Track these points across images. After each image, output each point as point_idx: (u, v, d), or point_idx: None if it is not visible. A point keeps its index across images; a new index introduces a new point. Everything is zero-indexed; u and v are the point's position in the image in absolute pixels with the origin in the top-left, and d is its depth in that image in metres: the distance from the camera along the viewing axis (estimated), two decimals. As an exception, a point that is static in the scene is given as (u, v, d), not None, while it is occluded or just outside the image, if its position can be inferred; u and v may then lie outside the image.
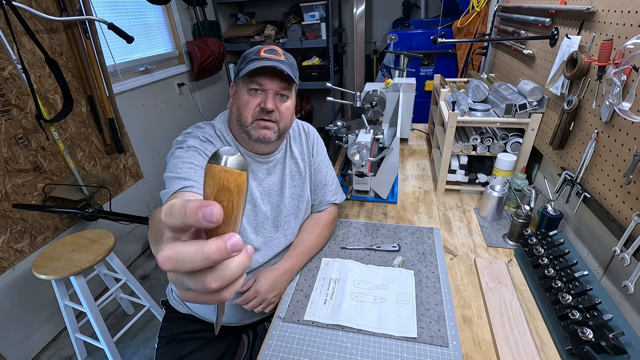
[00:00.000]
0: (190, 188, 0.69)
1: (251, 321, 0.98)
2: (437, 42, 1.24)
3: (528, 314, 0.76)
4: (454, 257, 0.95)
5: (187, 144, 0.79)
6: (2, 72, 1.43)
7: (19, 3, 1.36)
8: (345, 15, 3.22)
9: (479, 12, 2.02)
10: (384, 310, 0.78)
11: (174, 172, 0.73)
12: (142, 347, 1.65)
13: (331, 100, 1.29)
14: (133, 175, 2.20)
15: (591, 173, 0.83)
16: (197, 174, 0.73)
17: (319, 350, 0.71)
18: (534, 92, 1.04)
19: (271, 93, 0.80)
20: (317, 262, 0.95)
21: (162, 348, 0.94)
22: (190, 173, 0.72)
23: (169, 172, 0.74)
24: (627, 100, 0.67)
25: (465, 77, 2.07)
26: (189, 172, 0.72)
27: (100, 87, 1.82)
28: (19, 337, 1.55)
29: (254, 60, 0.78)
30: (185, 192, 0.68)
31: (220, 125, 0.88)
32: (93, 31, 1.75)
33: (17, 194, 1.51)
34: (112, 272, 1.57)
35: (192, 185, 0.70)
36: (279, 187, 0.93)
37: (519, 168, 1.13)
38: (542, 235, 0.87)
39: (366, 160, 1.08)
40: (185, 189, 0.68)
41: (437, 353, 0.68)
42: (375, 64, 3.24)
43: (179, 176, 0.71)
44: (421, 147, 1.69)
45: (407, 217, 1.14)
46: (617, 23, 0.76)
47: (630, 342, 0.59)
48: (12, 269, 1.50)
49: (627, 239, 0.67)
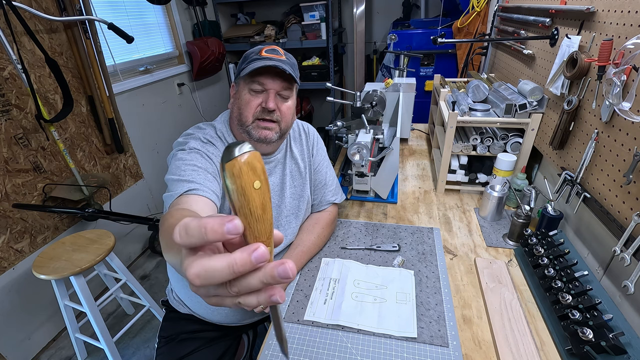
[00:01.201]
0: (195, 191, 0.68)
1: (251, 321, 0.98)
2: (437, 42, 1.24)
3: (528, 314, 0.76)
4: (454, 257, 0.95)
5: (189, 146, 0.79)
6: (2, 72, 1.43)
7: (19, 3, 1.36)
8: (345, 15, 3.22)
9: (479, 12, 2.02)
10: (384, 310, 0.78)
11: (177, 174, 0.72)
12: (142, 347, 1.65)
13: (331, 100, 1.29)
14: (133, 175, 2.20)
15: (591, 173, 0.83)
16: (200, 176, 0.72)
17: (319, 350, 0.71)
18: (534, 92, 1.04)
19: (272, 93, 0.80)
20: (317, 262, 0.95)
21: (162, 348, 0.94)
22: (194, 175, 0.72)
23: (172, 175, 0.73)
24: (627, 100, 0.67)
25: (465, 77, 2.07)
26: (192, 175, 0.72)
27: (100, 87, 1.82)
28: (19, 337, 1.55)
29: (256, 60, 0.78)
30: (190, 194, 0.67)
31: (221, 125, 0.87)
32: (93, 31, 1.75)
33: (17, 194, 1.51)
34: (112, 272, 1.57)
35: (197, 188, 0.69)
36: (279, 187, 0.93)
37: (519, 168, 1.13)
38: (542, 235, 0.87)
39: (366, 160, 1.08)
40: (191, 192, 0.68)
41: (437, 353, 0.68)
42: (375, 64, 3.24)
43: (182, 179, 0.71)
44: (421, 147, 1.69)
45: (407, 217, 1.14)
46: (617, 23, 0.76)
47: (630, 342, 0.59)
48: (12, 269, 1.50)
49: (627, 239, 0.67)
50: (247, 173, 0.24)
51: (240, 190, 0.24)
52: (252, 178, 0.24)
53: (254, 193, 0.24)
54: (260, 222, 0.25)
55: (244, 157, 0.24)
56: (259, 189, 0.25)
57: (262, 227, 0.26)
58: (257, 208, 0.25)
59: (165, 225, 0.48)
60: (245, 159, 0.24)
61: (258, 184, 0.24)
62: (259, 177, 0.24)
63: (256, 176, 0.24)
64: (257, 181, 0.24)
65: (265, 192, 0.25)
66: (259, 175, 0.24)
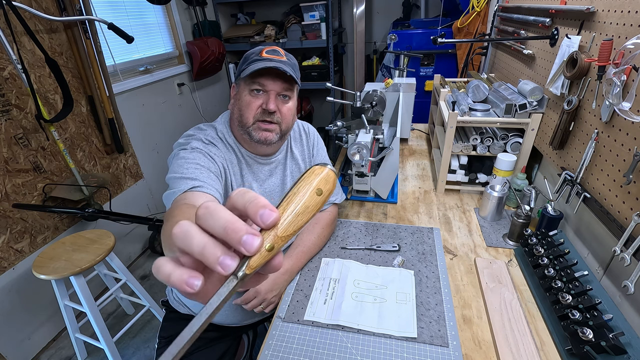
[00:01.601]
0: (199, 188, 0.67)
1: (251, 321, 0.98)
2: (437, 42, 1.24)
3: (528, 314, 0.76)
4: (454, 257, 0.95)
5: (191, 146, 0.78)
6: (2, 72, 1.43)
7: (19, 3, 1.36)
8: (345, 15, 3.22)
9: (479, 12, 2.02)
10: (384, 310, 0.78)
11: (179, 172, 0.71)
12: (142, 347, 1.65)
13: (331, 100, 1.29)
14: (133, 175, 2.20)
15: (591, 173, 0.83)
16: (203, 175, 0.72)
17: (319, 350, 0.71)
18: (534, 92, 1.04)
19: (273, 94, 0.80)
20: (317, 262, 0.95)
21: (162, 348, 0.94)
22: (197, 173, 0.71)
23: (174, 173, 0.72)
24: (627, 100, 0.67)
25: (465, 77, 2.07)
26: (195, 173, 0.71)
27: (100, 87, 1.82)
28: (19, 337, 1.55)
29: (256, 60, 0.77)
30: (195, 192, 0.66)
31: (222, 126, 0.87)
32: (93, 31, 1.75)
33: (17, 194, 1.51)
34: (112, 272, 1.57)
35: (201, 185, 0.68)
36: (280, 188, 0.93)
37: (519, 168, 1.13)
38: (542, 235, 0.87)
39: (366, 160, 1.08)
40: (195, 189, 0.67)
41: (437, 353, 0.68)
42: (375, 64, 3.24)
43: (185, 176, 0.70)
44: (421, 147, 1.69)
45: (407, 217, 1.14)
46: (617, 23, 0.76)
47: (630, 342, 0.59)
48: (12, 269, 1.50)
49: (627, 239, 0.67)
50: (324, 179, 0.27)
51: (307, 186, 0.27)
52: (323, 185, 0.27)
53: (313, 195, 0.27)
54: (292, 223, 0.27)
55: (331, 171, 0.28)
56: (319, 196, 0.27)
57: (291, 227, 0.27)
58: (300, 207, 0.27)
59: (172, 221, 0.47)
60: (331, 171, 0.28)
61: (319, 192, 0.27)
62: (325, 191, 0.28)
63: (325, 187, 0.28)
64: (322, 190, 0.27)
65: (314, 208, 0.27)
66: (327, 189, 0.28)
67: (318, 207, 0.27)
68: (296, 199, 0.26)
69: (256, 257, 0.25)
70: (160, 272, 0.24)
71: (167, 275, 0.24)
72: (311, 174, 0.28)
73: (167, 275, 0.24)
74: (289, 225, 0.26)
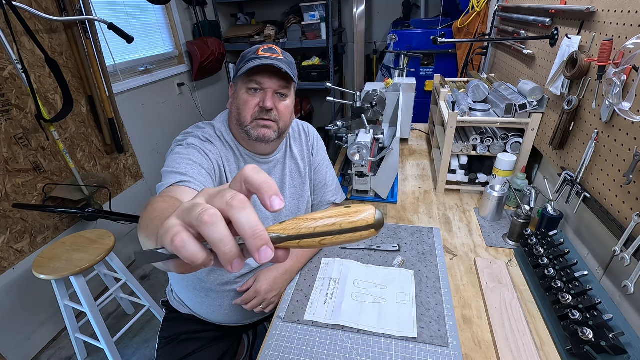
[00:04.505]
0: (185, 183, 0.69)
1: (251, 321, 0.98)
2: (437, 42, 1.24)
3: (528, 314, 0.76)
4: (454, 257, 0.95)
5: (187, 142, 0.80)
6: (2, 72, 1.43)
7: (19, 3, 1.36)
8: (345, 15, 3.22)
9: (479, 12, 2.02)
10: (384, 310, 0.78)
11: (171, 167, 0.73)
12: (142, 347, 1.65)
13: (331, 100, 1.29)
14: (133, 175, 2.20)
15: (591, 173, 0.83)
16: (194, 171, 0.73)
17: (319, 350, 0.71)
18: (534, 92, 1.04)
19: (270, 92, 0.80)
20: (317, 262, 0.95)
21: (163, 348, 0.94)
22: (188, 169, 0.73)
23: (167, 167, 0.74)
24: (627, 100, 0.67)
25: (465, 77, 2.07)
26: (186, 168, 0.73)
27: (100, 87, 1.82)
28: (19, 337, 1.55)
29: (253, 59, 0.78)
30: (180, 186, 0.68)
31: (220, 125, 0.88)
32: (93, 31, 1.75)
33: (17, 194, 1.51)
34: (112, 272, 1.57)
35: (188, 181, 0.70)
36: (279, 187, 0.93)
37: (519, 168, 1.13)
38: (542, 235, 0.87)
39: (366, 160, 1.08)
40: (181, 184, 0.69)
41: (437, 353, 0.68)
42: (375, 64, 3.24)
43: (175, 171, 0.72)
44: (421, 147, 1.69)
45: (407, 217, 1.14)
46: (617, 23, 0.76)
47: (630, 342, 0.59)
48: (12, 269, 1.50)
49: (627, 239, 0.67)
50: (371, 232, 0.27)
51: (350, 234, 0.27)
52: (367, 235, 0.28)
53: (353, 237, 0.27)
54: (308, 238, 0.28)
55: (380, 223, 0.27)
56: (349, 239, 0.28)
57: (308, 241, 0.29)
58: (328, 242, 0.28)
59: (153, 205, 0.49)
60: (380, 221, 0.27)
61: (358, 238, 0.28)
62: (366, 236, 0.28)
63: (367, 235, 0.28)
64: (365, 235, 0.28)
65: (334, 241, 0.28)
66: (366, 236, 0.28)
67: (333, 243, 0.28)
68: (326, 220, 0.27)
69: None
70: (177, 238, 0.25)
71: (183, 242, 0.25)
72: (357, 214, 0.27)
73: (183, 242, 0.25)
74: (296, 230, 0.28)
